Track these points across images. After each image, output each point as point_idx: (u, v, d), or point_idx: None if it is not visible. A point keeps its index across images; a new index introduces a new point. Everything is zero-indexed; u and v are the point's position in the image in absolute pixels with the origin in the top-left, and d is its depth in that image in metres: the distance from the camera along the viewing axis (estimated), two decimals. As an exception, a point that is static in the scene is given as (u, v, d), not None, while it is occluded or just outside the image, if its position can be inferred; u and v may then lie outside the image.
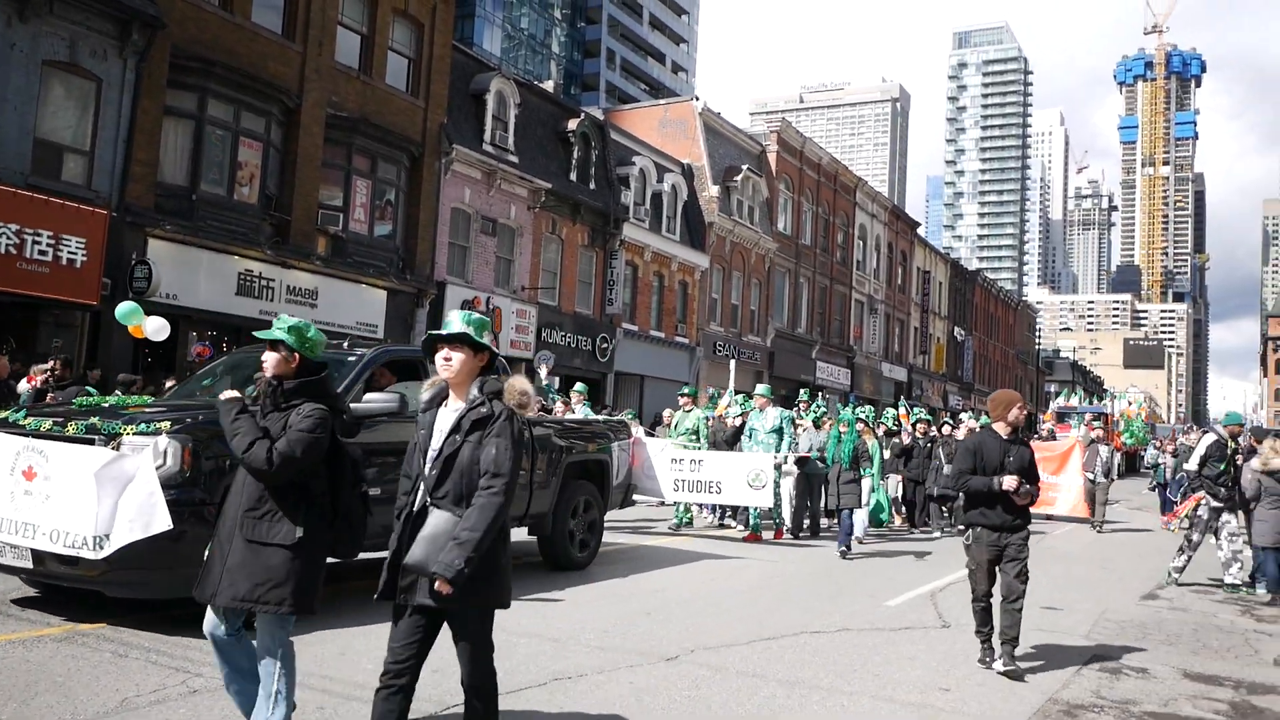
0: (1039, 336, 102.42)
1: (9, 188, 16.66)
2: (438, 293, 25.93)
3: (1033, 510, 22.18)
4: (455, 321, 4.36)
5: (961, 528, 8.82)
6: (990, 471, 7.45)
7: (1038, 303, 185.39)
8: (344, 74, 23.46)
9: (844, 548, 13.73)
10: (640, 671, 6.79)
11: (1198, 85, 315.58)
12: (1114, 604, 10.92)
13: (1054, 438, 28.11)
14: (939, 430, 20.20)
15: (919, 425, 19.60)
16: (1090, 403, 60.01)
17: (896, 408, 23.48)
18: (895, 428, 19.92)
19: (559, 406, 19.31)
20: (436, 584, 4.01)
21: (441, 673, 5.68)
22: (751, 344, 41.66)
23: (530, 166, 29.53)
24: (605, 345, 32.76)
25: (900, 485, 18.90)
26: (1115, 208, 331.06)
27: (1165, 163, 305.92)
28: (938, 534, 17.42)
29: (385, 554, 4.34)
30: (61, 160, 18.12)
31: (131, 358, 18.50)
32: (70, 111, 18.33)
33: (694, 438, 16.22)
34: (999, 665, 7.29)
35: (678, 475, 14.01)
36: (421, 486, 4.26)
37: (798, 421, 17.15)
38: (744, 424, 16.00)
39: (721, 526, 16.78)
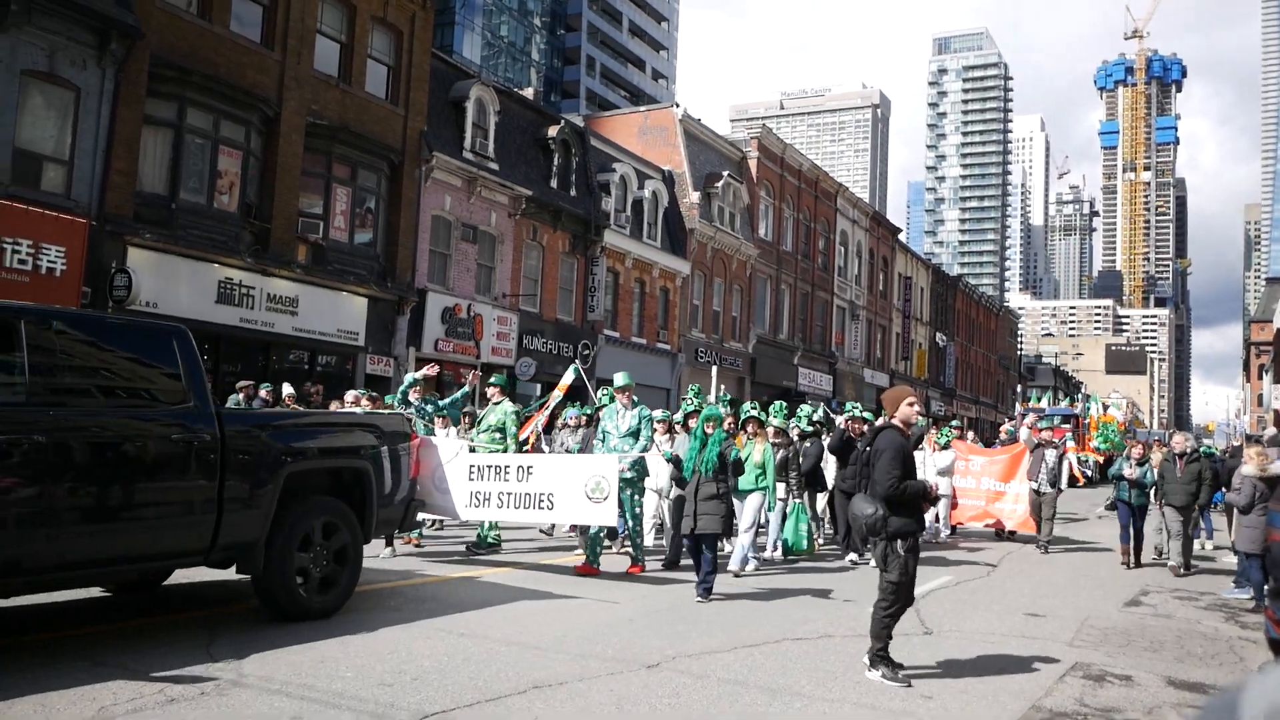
0: (1021, 342, 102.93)
1: (-13, 197, 16.58)
2: (419, 300, 25.87)
3: (977, 524, 20.61)
4: None
5: (869, 547, 7.62)
6: (912, 474, 7.22)
7: (1019, 308, 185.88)
8: (323, 82, 23.42)
9: (704, 590, 10.02)
10: (620, 680, 6.74)
11: (1179, 90, 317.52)
12: (1096, 610, 10.90)
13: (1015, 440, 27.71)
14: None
15: (852, 424, 14.94)
16: (1060, 404, 59.99)
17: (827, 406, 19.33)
18: (811, 428, 16.12)
19: (350, 398, 15.07)
20: None
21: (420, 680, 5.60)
22: (733, 350, 41.69)
23: (510, 174, 29.51)
24: (587, 352, 32.72)
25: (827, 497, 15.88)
26: (1096, 213, 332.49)
27: (1146, 168, 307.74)
28: (850, 564, 13.67)
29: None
30: (41, 170, 18.04)
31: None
32: (50, 121, 18.25)
33: (498, 435, 13.38)
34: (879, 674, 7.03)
35: (501, 488, 10.72)
36: None
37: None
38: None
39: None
